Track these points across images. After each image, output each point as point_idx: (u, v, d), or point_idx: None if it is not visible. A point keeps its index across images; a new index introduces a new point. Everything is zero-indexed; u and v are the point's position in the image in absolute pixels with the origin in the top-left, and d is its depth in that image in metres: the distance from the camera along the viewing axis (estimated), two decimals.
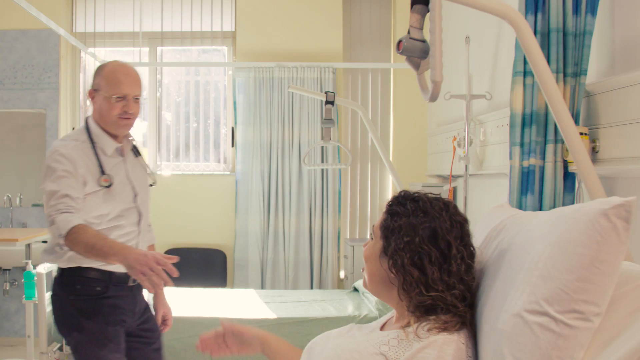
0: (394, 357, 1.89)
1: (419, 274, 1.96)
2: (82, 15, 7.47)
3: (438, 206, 2.04)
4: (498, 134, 4.67)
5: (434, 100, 2.59)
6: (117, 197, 3.27)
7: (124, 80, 3.24)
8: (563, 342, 1.66)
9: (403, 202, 2.08)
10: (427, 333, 1.89)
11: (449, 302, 1.94)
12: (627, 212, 1.68)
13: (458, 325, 1.92)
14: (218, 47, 7.58)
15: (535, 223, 1.94)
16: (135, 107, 3.29)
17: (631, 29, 3.15)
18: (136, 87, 3.28)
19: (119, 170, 3.33)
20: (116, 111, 3.23)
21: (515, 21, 2.57)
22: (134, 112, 3.28)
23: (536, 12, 3.30)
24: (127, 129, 3.35)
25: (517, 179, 3.44)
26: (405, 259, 1.97)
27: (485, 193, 5.15)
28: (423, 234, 1.98)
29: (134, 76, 3.28)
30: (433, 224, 2.00)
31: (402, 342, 1.92)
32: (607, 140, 3.17)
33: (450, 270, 1.96)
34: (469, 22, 5.30)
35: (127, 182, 3.35)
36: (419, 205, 2.04)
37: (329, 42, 7.21)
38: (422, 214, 2.02)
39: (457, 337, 1.89)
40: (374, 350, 1.93)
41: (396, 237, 2.01)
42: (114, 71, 3.25)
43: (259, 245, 7.15)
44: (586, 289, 1.66)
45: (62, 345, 4.95)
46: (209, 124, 7.59)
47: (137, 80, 3.31)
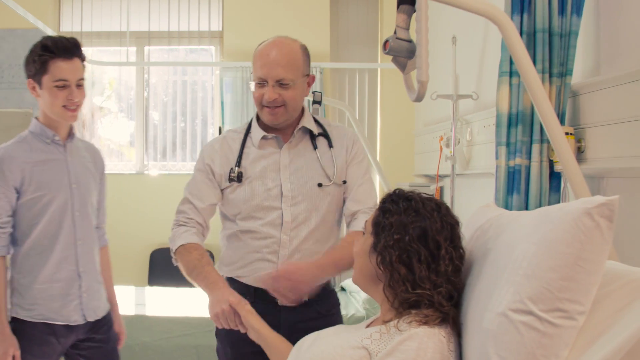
0: (375, 350, 1.91)
1: (406, 272, 1.97)
2: (69, 15, 7.45)
3: (430, 206, 2.05)
4: (484, 134, 4.68)
5: (420, 100, 2.60)
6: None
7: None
8: (548, 340, 1.67)
9: (396, 200, 2.09)
10: (407, 325, 1.91)
11: (435, 300, 1.95)
12: (611, 211, 1.69)
13: (438, 320, 1.93)
14: (205, 47, 7.58)
15: (520, 222, 1.95)
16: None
17: (616, 30, 3.16)
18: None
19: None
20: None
21: (501, 21, 2.58)
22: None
23: (522, 12, 3.32)
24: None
25: (503, 178, 3.45)
26: (394, 256, 1.99)
27: (471, 193, 5.17)
28: (413, 233, 1.99)
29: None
30: (424, 223, 2.01)
31: (384, 335, 1.94)
32: (593, 140, 3.19)
33: (438, 270, 1.97)
34: (455, 22, 5.32)
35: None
36: (411, 205, 2.05)
37: (316, 42, 7.18)
38: (413, 213, 2.03)
39: (437, 331, 1.90)
40: (357, 344, 1.95)
41: (386, 234, 2.03)
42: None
43: None
44: (570, 287, 1.68)
45: None
46: (196, 123, 7.59)
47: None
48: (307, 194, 2.80)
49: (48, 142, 3.17)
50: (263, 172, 2.83)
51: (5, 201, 3.05)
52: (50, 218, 3.10)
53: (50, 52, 3.02)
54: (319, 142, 2.90)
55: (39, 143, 3.16)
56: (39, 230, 3.10)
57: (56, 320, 3.12)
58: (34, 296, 3.09)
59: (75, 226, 3.17)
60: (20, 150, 3.12)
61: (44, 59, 3.02)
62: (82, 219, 3.20)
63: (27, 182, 3.07)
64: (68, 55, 3.04)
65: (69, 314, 3.14)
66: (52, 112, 3.12)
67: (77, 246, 3.18)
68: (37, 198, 3.08)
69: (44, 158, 3.14)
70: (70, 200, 3.16)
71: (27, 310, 3.09)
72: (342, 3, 7.53)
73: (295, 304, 2.67)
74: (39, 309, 3.10)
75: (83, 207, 3.21)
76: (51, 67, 3.02)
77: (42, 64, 3.03)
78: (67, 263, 3.15)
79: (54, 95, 3.06)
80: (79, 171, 3.22)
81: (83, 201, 3.21)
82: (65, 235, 3.14)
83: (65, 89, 3.06)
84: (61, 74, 3.03)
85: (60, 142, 3.19)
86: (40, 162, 3.12)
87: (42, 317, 3.10)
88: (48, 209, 3.10)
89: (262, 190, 2.81)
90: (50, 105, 3.10)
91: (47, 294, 3.10)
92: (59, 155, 3.18)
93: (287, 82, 2.72)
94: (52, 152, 3.17)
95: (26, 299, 3.10)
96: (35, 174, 3.09)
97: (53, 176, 3.13)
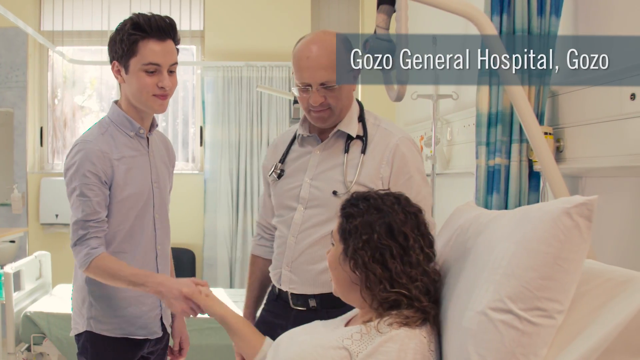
0: (356, 351, 1.91)
1: (381, 270, 1.97)
2: (50, 13, 7.40)
3: (390, 201, 2.06)
4: (464, 134, 4.70)
5: (400, 100, 2.61)
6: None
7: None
8: (527, 339, 1.68)
9: (355, 203, 2.08)
10: (388, 327, 1.91)
11: (413, 295, 1.95)
12: (589, 211, 1.71)
13: (419, 322, 1.93)
14: (186, 46, 7.54)
15: (499, 222, 1.96)
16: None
17: (594, 30, 3.19)
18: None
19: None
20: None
21: (480, 22, 2.59)
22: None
23: (502, 13, 3.33)
24: None
25: (483, 178, 3.46)
26: (366, 257, 1.98)
27: (452, 192, 5.18)
28: (380, 230, 1.99)
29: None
30: (387, 219, 2.01)
31: (365, 336, 1.93)
32: (572, 139, 3.21)
33: (411, 262, 1.97)
34: (435, 22, 5.33)
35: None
36: (370, 203, 2.05)
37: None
38: (375, 211, 2.03)
39: (418, 332, 1.91)
40: (337, 345, 1.94)
41: (354, 237, 2.02)
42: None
43: (227, 244, 7.14)
44: (549, 286, 1.69)
45: (29, 345, 4.93)
46: (177, 123, 7.57)
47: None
48: (323, 200, 2.64)
49: (132, 135, 2.80)
50: (294, 171, 2.74)
51: (102, 197, 2.69)
52: (132, 222, 2.78)
53: (142, 30, 2.63)
54: (354, 145, 2.67)
55: (122, 136, 2.78)
56: (122, 236, 2.77)
57: (136, 335, 2.83)
58: (109, 309, 2.79)
59: (156, 229, 2.87)
60: (105, 144, 2.73)
61: (134, 38, 2.64)
62: (161, 221, 2.89)
63: (114, 181, 2.72)
64: (162, 36, 2.67)
65: (149, 326, 2.87)
66: (138, 101, 2.74)
67: (157, 251, 2.88)
68: (123, 199, 2.75)
69: (129, 154, 2.78)
70: (152, 200, 2.84)
71: (104, 324, 2.78)
72: (323, 2, 7.53)
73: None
74: (117, 322, 2.80)
75: (162, 208, 2.91)
76: (141, 48, 2.64)
77: (130, 45, 2.64)
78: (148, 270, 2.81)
79: (142, 81, 2.67)
80: (159, 167, 2.90)
81: (162, 201, 2.91)
82: (147, 240, 2.84)
83: (156, 75, 2.68)
84: (153, 57, 2.65)
85: (144, 135, 2.83)
86: (125, 158, 2.76)
87: (122, 332, 2.80)
88: (131, 211, 2.77)
89: (287, 188, 2.73)
90: (137, 92, 2.71)
91: (121, 306, 2.79)
92: (143, 150, 2.83)
93: (331, 83, 2.55)
94: (135, 146, 2.81)
95: (102, 311, 2.78)
96: (120, 172, 2.73)
97: (137, 174, 2.79)
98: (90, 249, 2.65)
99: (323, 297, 2.64)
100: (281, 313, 2.73)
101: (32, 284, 5.37)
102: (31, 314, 4.96)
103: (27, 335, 4.95)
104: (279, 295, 2.76)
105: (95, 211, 2.67)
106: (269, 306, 2.85)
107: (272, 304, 2.83)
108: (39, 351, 4.96)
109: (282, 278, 2.71)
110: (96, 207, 2.67)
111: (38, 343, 4.96)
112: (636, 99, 2.74)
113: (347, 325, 2.14)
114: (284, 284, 2.70)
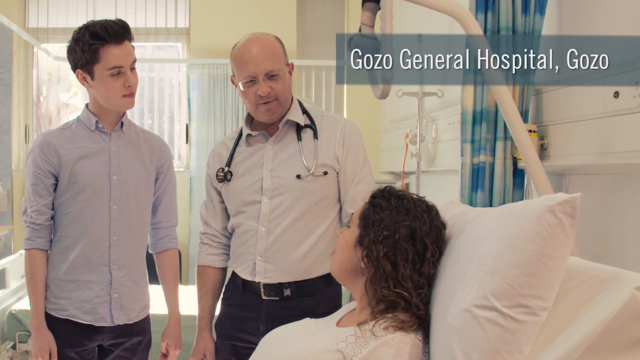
0: (351, 354, 1.91)
1: (391, 269, 1.98)
2: (35, 11, 7.38)
3: (421, 207, 2.06)
4: (449, 131, 4.71)
5: (385, 98, 2.62)
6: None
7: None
8: (511, 336, 1.69)
9: (387, 197, 2.09)
10: (383, 331, 1.91)
11: (413, 302, 1.96)
12: (573, 208, 1.71)
13: (415, 327, 1.94)
14: (172, 44, 7.55)
15: (484, 219, 1.96)
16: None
17: (578, 28, 3.20)
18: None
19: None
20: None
21: (465, 20, 2.60)
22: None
23: (486, 11, 3.33)
24: None
25: (468, 175, 3.47)
26: (381, 252, 1.99)
27: (437, 189, 5.19)
28: (403, 232, 2.00)
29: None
30: (414, 224, 2.02)
31: (359, 339, 1.93)
32: (556, 137, 3.22)
33: (421, 271, 1.99)
34: (420, 20, 5.34)
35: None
36: (402, 203, 2.06)
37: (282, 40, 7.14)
38: (404, 211, 2.04)
39: (413, 336, 1.91)
40: (332, 347, 1.94)
41: (376, 228, 2.03)
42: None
43: None
44: (533, 284, 1.70)
45: (15, 343, 4.91)
46: (163, 120, 7.57)
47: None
48: (288, 186, 2.76)
49: (92, 130, 2.96)
50: (248, 169, 2.83)
51: (43, 188, 2.93)
52: (79, 209, 2.93)
53: (100, 39, 2.80)
54: (305, 133, 2.82)
55: (84, 130, 2.97)
56: (67, 220, 2.94)
57: (80, 319, 2.98)
58: (57, 290, 2.96)
59: (112, 220, 2.96)
60: (59, 138, 2.95)
61: (95, 47, 2.80)
62: (121, 214, 2.98)
63: (61, 171, 2.91)
64: (119, 40, 2.84)
65: (95, 312, 2.99)
66: (109, 103, 2.92)
67: (110, 241, 2.97)
68: (69, 185, 2.92)
69: (86, 146, 2.95)
70: (109, 191, 2.95)
71: (52, 303, 2.98)
72: (308, 1, 7.53)
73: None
74: (62, 304, 2.97)
75: (125, 201, 2.99)
76: (103, 54, 2.81)
77: (92, 53, 2.81)
78: (97, 259, 2.97)
79: (109, 85, 2.86)
80: (128, 162, 3.01)
81: (125, 194, 2.99)
82: (97, 229, 2.95)
83: (121, 76, 2.85)
84: (115, 61, 2.83)
85: (104, 129, 2.98)
86: (80, 149, 2.94)
87: (67, 314, 2.97)
88: (77, 198, 2.93)
89: (245, 186, 2.81)
90: (107, 96, 2.89)
91: (67, 289, 2.96)
92: (103, 144, 2.98)
93: (275, 72, 2.70)
94: (95, 140, 2.97)
95: (51, 292, 2.97)
96: (68, 161, 2.91)
97: (89, 165, 2.94)
98: (26, 238, 2.97)
99: (299, 285, 2.74)
100: (251, 305, 2.80)
101: (17, 281, 5.34)
102: (16, 312, 4.93)
103: (13, 333, 4.92)
104: (245, 287, 2.82)
105: (38, 210, 2.95)
106: (234, 300, 2.88)
107: (237, 297, 2.86)
108: (25, 349, 4.93)
109: (257, 269, 2.76)
110: (40, 205, 2.95)
111: (23, 341, 4.94)
112: (620, 97, 2.75)
113: (339, 324, 2.15)
114: (259, 275, 2.75)
